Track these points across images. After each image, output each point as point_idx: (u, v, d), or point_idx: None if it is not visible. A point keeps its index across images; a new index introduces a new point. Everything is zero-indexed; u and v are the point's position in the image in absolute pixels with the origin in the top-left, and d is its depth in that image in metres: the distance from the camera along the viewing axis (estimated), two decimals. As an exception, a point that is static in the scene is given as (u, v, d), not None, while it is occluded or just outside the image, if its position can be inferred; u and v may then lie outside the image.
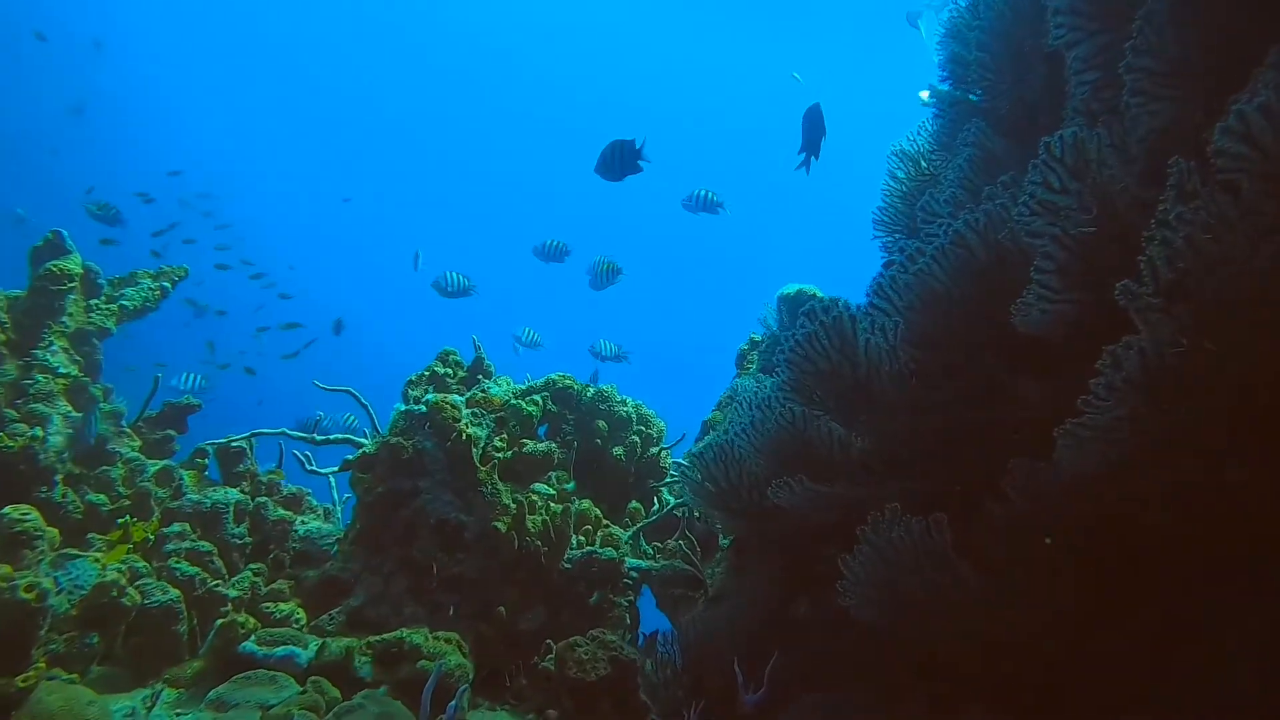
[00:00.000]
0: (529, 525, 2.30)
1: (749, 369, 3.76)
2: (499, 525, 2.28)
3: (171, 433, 3.01)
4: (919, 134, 3.42)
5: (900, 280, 1.72)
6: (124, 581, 1.84)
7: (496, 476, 2.37)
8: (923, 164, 3.37)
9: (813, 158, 2.86)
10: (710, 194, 3.89)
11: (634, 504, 2.76)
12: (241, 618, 1.92)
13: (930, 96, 3.09)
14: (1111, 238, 1.08)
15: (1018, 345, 1.45)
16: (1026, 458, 1.33)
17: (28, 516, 1.77)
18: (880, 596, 1.42)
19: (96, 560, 1.92)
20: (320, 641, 1.94)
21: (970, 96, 2.95)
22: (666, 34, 20.91)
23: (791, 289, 3.53)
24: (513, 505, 2.33)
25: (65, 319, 2.96)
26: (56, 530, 2.02)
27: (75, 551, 1.97)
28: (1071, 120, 1.46)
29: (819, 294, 3.53)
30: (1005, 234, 1.45)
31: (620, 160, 2.89)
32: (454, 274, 3.89)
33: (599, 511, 2.63)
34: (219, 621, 1.93)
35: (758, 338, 3.86)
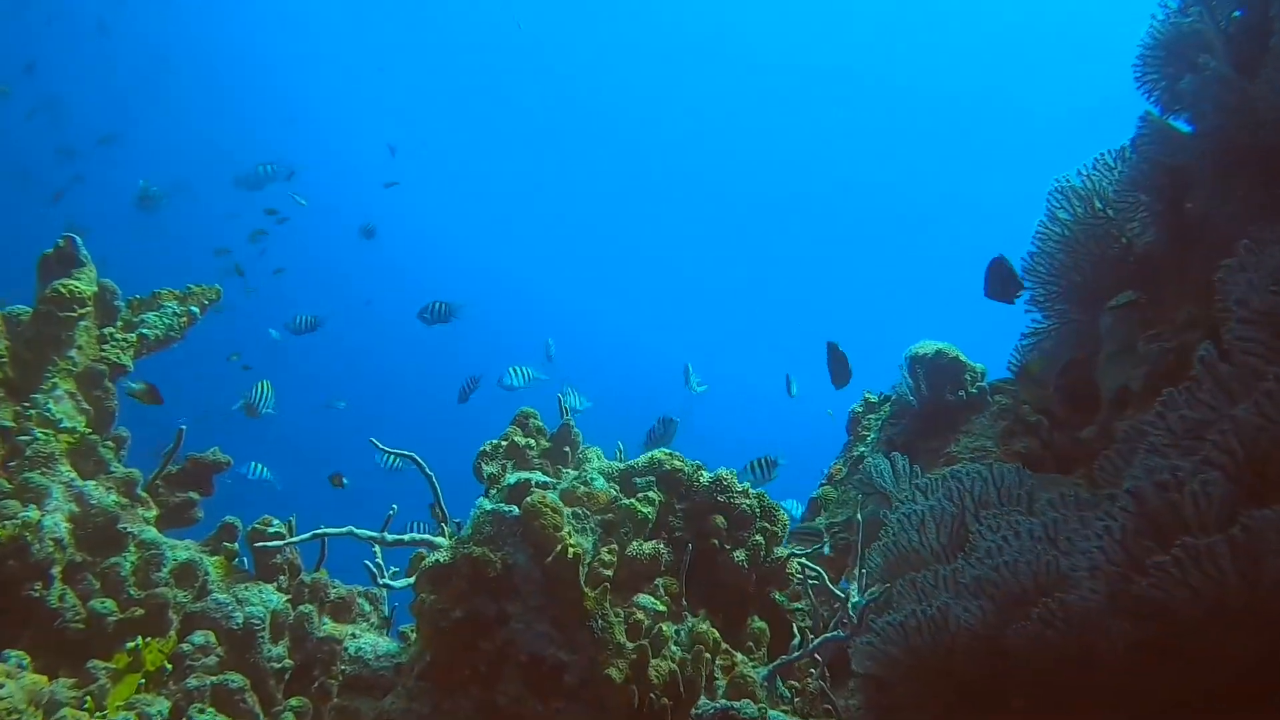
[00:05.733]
0: (652, 674, 1.79)
1: (865, 436, 3.23)
2: (612, 673, 1.77)
3: (194, 495, 2.52)
4: (1095, 168, 2.87)
5: None
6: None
7: (609, 604, 1.86)
8: (1097, 204, 2.82)
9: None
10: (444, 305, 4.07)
11: (759, 624, 2.25)
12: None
13: (1140, 121, 2.54)
14: None
15: None
16: None
17: None
18: None
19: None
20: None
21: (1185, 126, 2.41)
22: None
23: (928, 349, 3.00)
24: (630, 646, 1.82)
25: (73, 353, 2.46)
26: (44, 679, 1.53)
27: (67, 714, 1.47)
28: None
29: (961, 356, 3.01)
30: None
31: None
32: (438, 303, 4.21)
33: (717, 633, 2.12)
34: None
35: (873, 398, 3.33)
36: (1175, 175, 2.44)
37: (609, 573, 1.93)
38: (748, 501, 2.32)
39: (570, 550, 1.83)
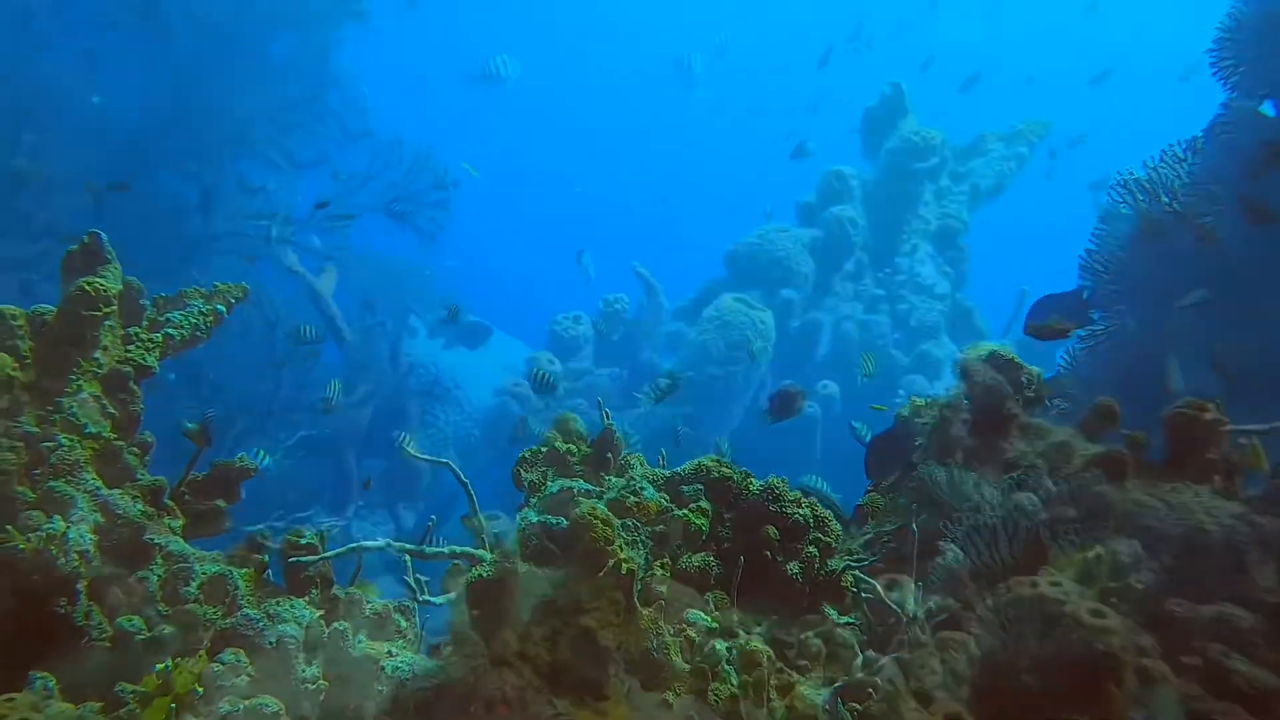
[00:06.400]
0: (711, 698, 1.68)
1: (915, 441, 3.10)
2: (669, 699, 1.66)
3: (220, 503, 2.42)
4: (1162, 160, 2.71)
5: None
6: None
7: (663, 624, 1.74)
8: (1164, 198, 2.66)
9: None
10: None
11: (814, 640, 2.12)
12: None
13: (1221, 108, 2.39)
14: None
15: None
16: None
17: (27, 724, 1.18)
18: None
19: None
20: None
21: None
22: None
23: (982, 350, 2.86)
24: (686, 668, 1.70)
25: (98, 354, 2.37)
26: (71, 707, 1.43)
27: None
28: None
29: (1016, 358, 2.86)
30: None
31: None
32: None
33: (770, 651, 2.00)
34: None
35: (922, 402, 3.19)
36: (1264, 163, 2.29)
37: (664, 589, 1.81)
38: (800, 511, 2.20)
39: (624, 565, 1.71)
